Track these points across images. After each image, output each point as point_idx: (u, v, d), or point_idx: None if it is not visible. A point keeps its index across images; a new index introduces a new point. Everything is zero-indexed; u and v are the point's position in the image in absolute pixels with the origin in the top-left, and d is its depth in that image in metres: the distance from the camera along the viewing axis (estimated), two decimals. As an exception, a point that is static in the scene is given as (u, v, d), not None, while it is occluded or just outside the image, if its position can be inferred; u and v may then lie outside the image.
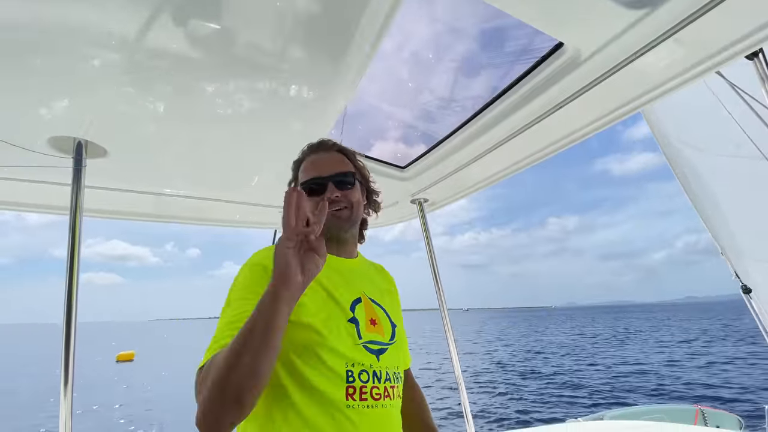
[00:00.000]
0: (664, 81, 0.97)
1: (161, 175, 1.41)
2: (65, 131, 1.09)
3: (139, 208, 1.64)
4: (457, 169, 1.48)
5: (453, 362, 1.80)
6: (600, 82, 0.96)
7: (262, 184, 1.56)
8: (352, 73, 0.94)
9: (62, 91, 0.93)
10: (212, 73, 0.91)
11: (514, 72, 1.08)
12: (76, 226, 1.16)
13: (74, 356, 1.10)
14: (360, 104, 1.28)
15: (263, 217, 1.93)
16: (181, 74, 0.90)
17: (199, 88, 0.95)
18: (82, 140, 1.13)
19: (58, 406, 1.09)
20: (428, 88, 1.41)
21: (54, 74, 0.86)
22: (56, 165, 1.21)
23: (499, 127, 1.21)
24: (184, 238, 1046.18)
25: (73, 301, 1.12)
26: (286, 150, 1.27)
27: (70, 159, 1.16)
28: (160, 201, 1.59)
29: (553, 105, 1.08)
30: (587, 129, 1.18)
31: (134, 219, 1.68)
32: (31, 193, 1.43)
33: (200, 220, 1.83)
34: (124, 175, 1.37)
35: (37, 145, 1.12)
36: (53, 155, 1.16)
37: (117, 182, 1.42)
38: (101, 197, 1.49)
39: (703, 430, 2.60)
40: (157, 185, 1.48)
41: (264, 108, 1.05)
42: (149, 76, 0.90)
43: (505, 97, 1.12)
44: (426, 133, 1.47)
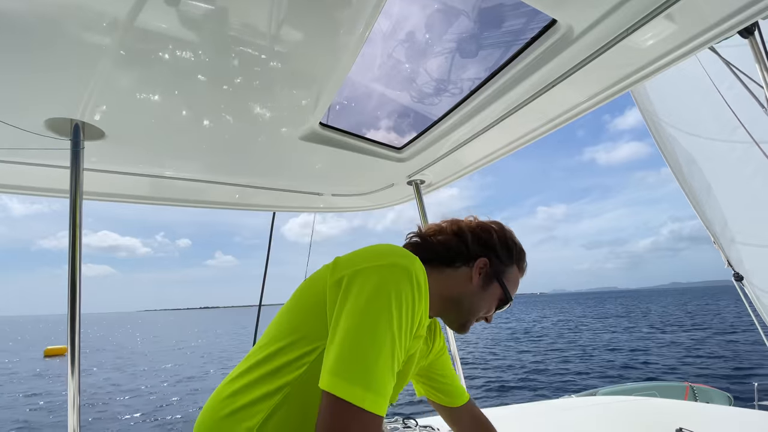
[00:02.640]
0: (657, 57, 0.98)
1: (160, 157, 1.42)
2: (62, 113, 1.09)
3: (138, 190, 1.65)
4: (453, 149, 1.49)
5: (449, 341, 1.85)
6: (593, 60, 0.97)
7: (260, 165, 1.57)
8: (346, 55, 0.95)
9: (58, 72, 0.93)
10: (209, 54, 0.91)
11: (507, 51, 1.08)
12: (76, 210, 1.17)
13: (79, 338, 1.13)
14: (355, 86, 1.28)
15: (262, 198, 1.95)
16: (179, 55, 0.90)
17: (196, 69, 0.95)
18: (79, 122, 1.13)
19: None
20: (422, 68, 1.41)
21: (50, 56, 0.86)
22: (54, 147, 1.21)
23: (494, 106, 1.22)
24: (174, 228, 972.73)
25: (76, 283, 1.14)
26: (282, 132, 1.28)
27: (68, 141, 1.16)
28: (159, 183, 1.60)
29: (546, 83, 1.09)
30: (581, 107, 1.20)
31: (134, 201, 1.69)
32: (31, 177, 1.44)
33: (200, 203, 1.85)
34: (122, 157, 1.38)
35: (34, 127, 1.13)
36: (51, 137, 1.16)
37: (116, 165, 1.43)
38: (100, 180, 1.50)
39: (693, 405, 2.68)
40: (156, 167, 1.49)
41: (259, 90, 1.06)
42: (146, 58, 0.90)
43: (499, 76, 1.13)
44: (421, 114, 1.47)
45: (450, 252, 0.87)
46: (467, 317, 0.88)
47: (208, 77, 0.98)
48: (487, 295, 0.87)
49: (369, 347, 0.61)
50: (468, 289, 0.86)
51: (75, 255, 1.14)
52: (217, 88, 1.03)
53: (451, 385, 1.06)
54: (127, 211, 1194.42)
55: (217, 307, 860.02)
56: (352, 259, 0.73)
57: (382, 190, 1.95)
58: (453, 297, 0.86)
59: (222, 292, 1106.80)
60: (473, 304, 0.87)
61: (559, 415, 2.24)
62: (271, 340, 0.75)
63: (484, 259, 0.86)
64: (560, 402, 2.67)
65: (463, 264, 0.87)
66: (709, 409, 2.36)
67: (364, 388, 0.59)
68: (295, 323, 0.74)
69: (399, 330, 0.64)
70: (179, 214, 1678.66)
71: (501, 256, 0.88)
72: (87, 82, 0.97)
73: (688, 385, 5.75)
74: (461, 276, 0.86)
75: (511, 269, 0.90)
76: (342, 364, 0.60)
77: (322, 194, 1.96)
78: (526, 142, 1.44)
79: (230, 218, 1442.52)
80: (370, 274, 0.68)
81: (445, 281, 0.86)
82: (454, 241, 0.88)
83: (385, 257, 0.71)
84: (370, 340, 0.62)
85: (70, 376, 1.10)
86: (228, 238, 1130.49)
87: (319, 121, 1.25)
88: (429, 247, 0.88)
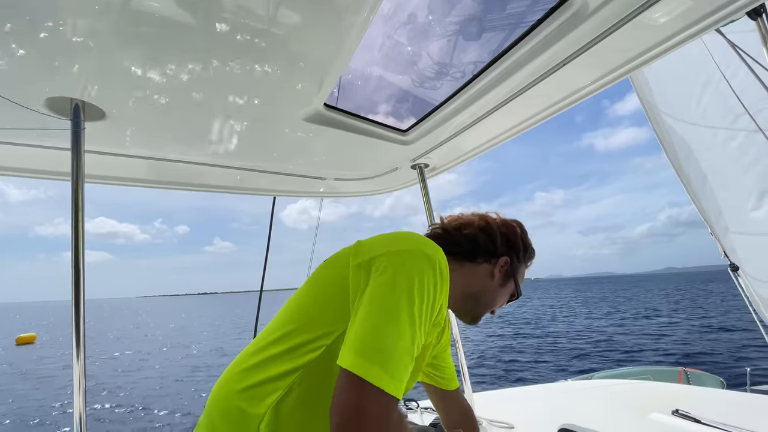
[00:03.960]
0: (666, 37, 0.97)
1: (161, 139, 1.40)
2: (62, 92, 1.07)
3: (139, 173, 1.63)
4: (457, 132, 1.48)
5: (452, 326, 1.87)
6: (603, 39, 0.96)
7: (263, 148, 1.56)
8: (352, 34, 0.93)
9: (58, 50, 0.91)
10: (212, 34, 0.89)
11: (516, 30, 1.07)
12: (78, 192, 1.16)
13: (84, 322, 1.13)
14: (359, 69, 1.26)
15: (263, 182, 1.94)
16: (180, 35, 0.88)
17: (198, 48, 0.93)
18: (79, 102, 1.11)
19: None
20: (427, 51, 1.39)
21: (49, 32, 0.84)
22: (55, 127, 1.20)
23: (501, 88, 1.21)
24: (172, 214, 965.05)
25: (80, 267, 1.13)
26: (286, 112, 1.27)
27: (68, 122, 1.15)
28: (160, 166, 1.58)
29: (554, 65, 1.08)
30: (588, 89, 1.19)
31: (135, 185, 1.68)
32: (32, 159, 1.42)
33: (201, 186, 1.83)
34: (124, 139, 1.36)
35: (34, 106, 1.11)
36: (51, 116, 1.14)
37: (117, 147, 1.41)
38: (102, 162, 1.48)
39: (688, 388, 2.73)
40: (158, 150, 1.47)
41: (263, 70, 1.04)
42: (147, 37, 0.88)
43: (507, 56, 1.11)
44: (427, 97, 1.46)
45: (475, 247, 0.90)
46: (483, 311, 0.92)
47: (210, 57, 0.97)
48: (504, 291, 0.92)
49: (390, 329, 0.62)
50: (489, 285, 0.89)
51: (78, 238, 1.14)
52: (220, 68, 1.01)
53: (450, 370, 1.14)
54: (124, 197, 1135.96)
55: (215, 293, 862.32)
56: (376, 243, 0.74)
57: (385, 174, 1.94)
58: (473, 292, 0.89)
59: (220, 278, 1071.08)
60: (491, 299, 0.91)
61: (558, 397, 2.28)
62: (289, 319, 0.75)
63: (506, 258, 0.90)
64: (557, 385, 2.72)
65: (484, 260, 0.89)
66: (703, 392, 2.41)
67: (383, 369, 0.59)
68: (314, 304, 0.74)
69: (420, 315, 0.65)
70: (177, 201, 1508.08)
71: (520, 256, 0.93)
72: (87, 61, 0.95)
73: (682, 369, 5.87)
74: (482, 272, 0.89)
75: (523, 268, 0.95)
76: (362, 343, 0.61)
77: (324, 178, 1.95)
78: (532, 124, 1.43)
79: (228, 204, 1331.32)
80: (395, 258, 0.68)
81: (467, 276, 0.88)
82: (482, 237, 0.90)
83: (410, 243, 0.72)
84: (392, 323, 0.62)
85: (75, 360, 1.11)
86: (226, 224, 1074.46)
87: (323, 102, 1.24)
88: (452, 240, 0.90)
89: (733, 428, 1.57)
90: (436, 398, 1.17)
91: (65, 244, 57.12)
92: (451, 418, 1.16)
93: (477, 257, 0.90)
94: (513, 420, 1.76)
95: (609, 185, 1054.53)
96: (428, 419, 1.78)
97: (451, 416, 1.16)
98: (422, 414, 1.90)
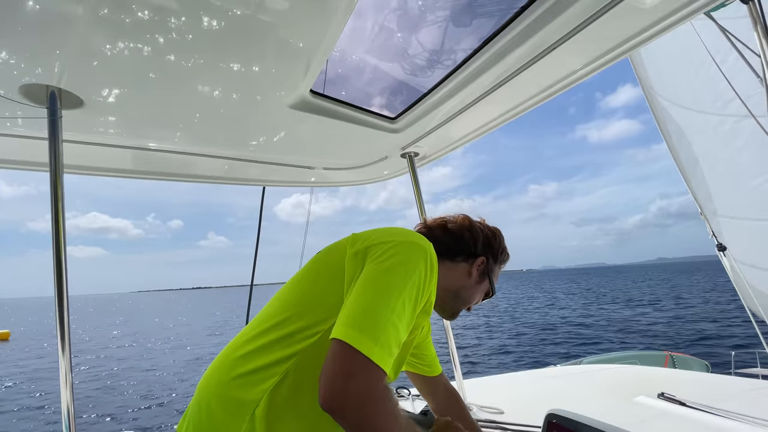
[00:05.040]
0: (658, 19, 0.96)
1: (143, 127, 1.36)
2: (37, 79, 1.03)
3: (121, 163, 1.59)
4: (447, 119, 1.46)
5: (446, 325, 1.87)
6: (592, 22, 0.95)
7: (249, 136, 1.52)
8: (337, 17, 0.90)
9: (31, 34, 0.87)
10: (192, 17, 0.86)
11: (506, 14, 1.05)
12: (57, 183, 1.13)
13: (68, 316, 1.11)
14: (346, 56, 1.23)
15: (251, 172, 1.90)
16: (159, 18, 0.84)
17: (177, 32, 0.90)
18: (55, 89, 1.07)
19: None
20: (416, 37, 1.36)
21: (22, 15, 0.80)
22: (31, 116, 1.16)
23: (490, 73, 1.20)
24: (165, 209, 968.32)
25: (62, 259, 1.11)
26: (270, 99, 1.24)
27: (45, 110, 1.11)
28: (143, 156, 1.54)
29: (544, 47, 1.06)
30: (578, 74, 1.18)
31: (117, 175, 1.64)
32: (9, 149, 1.38)
33: (186, 176, 1.79)
34: (103, 127, 1.32)
35: (8, 94, 1.07)
36: (26, 104, 1.10)
37: (97, 136, 1.37)
38: (82, 152, 1.44)
39: (673, 371, 2.80)
40: (140, 138, 1.43)
41: (246, 54, 1.01)
42: (124, 21, 0.84)
43: (496, 40, 1.10)
44: (415, 84, 1.43)
45: (458, 245, 0.95)
46: (460, 307, 0.99)
47: (190, 41, 0.93)
48: (479, 289, 0.98)
49: (383, 306, 0.64)
50: (466, 283, 0.95)
51: (59, 230, 1.11)
52: (200, 52, 0.98)
53: (431, 357, 1.19)
54: (115, 192, 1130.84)
55: (210, 287, 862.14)
56: (372, 234, 0.79)
57: (375, 163, 1.92)
58: (452, 288, 0.94)
59: (215, 273, 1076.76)
60: (468, 296, 0.97)
61: (547, 382, 2.31)
62: (284, 307, 0.76)
63: (483, 258, 0.96)
64: (547, 371, 2.76)
65: (463, 260, 0.95)
66: (689, 375, 2.47)
67: (373, 341, 0.61)
68: (310, 292, 0.76)
69: (411, 300, 0.68)
70: (170, 195, 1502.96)
71: (497, 257, 1.00)
72: (62, 46, 0.91)
73: (668, 353, 6.03)
74: (461, 270, 0.95)
75: (498, 268, 1.02)
76: (355, 316, 0.63)
77: (313, 168, 1.92)
78: (522, 111, 1.42)
79: (223, 199, 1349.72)
80: (391, 246, 0.73)
81: (446, 273, 0.93)
82: (467, 235, 0.96)
83: (405, 235, 0.77)
84: (385, 301, 0.65)
85: (61, 354, 1.09)
86: (221, 219, 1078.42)
87: (309, 88, 1.21)
88: (435, 237, 0.95)
89: (717, 410, 1.61)
90: (421, 385, 1.22)
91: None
92: (438, 401, 1.21)
93: (457, 256, 0.95)
94: (502, 405, 1.78)
95: (602, 177, 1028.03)
96: (420, 406, 1.79)
97: (438, 400, 1.21)
98: (414, 401, 1.91)
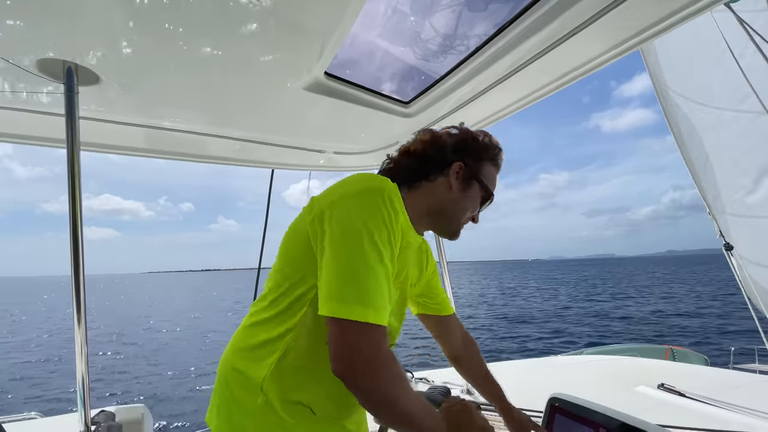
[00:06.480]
0: (675, 10, 0.95)
1: (158, 106, 1.37)
2: (54, 54, 1.04)
3: (136, 142, 1.61)
4: (460, 105, 1.46)
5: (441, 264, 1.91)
6: (610, 10, 0.94)
7: (261, 118, 1.53)
8: (353, 1, 0.90)
9: (48, 8, 0.87)
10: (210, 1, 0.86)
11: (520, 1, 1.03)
12: (74, 160, 1.14)
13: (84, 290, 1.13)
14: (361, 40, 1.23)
15: (261, 154, 1.92)
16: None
17: (195, 12, 0.90)
18: (72, 64, 1.08)
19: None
20: (431, 22, 1.35)
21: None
22: (48, 91, 1.17)
23: (504, 61, 1.19)
24: (177, 192, 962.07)
25: (78, 236, 1.13)
26: (285, 80, 1.24)
27: (62, 85, 1.12)
28: (157, 135, 1.55)
29: (562, 35, 1.05)
30: (593, 63, 1.17)
31: (132, 153, 1.65)
32: (27, 124, 1.39)
33: (198, 157, 1.81)
34: (119, 105, 1.33)
35: (26, 67, 1.08)
36: (44, 78, 1.11)
37: (113, 113, 1.38)
38: (98, 129, 1.45)
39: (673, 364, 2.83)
40: (154, 117, 1.44)
41: (262, 35, 1.01)
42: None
43: (511, 28, 1.08)
44: (430, 70, 1.42)
45: (426, 162, 0.88)
46: (455, 224, 0.90)
47: (206, 21, 0.93)
48: (469, 196, 0.89)
49: (356, 267, 0.64)
50: (449, 196, 0.87)
51: (75, 207, 1.13)
52: (217, 32, 0.98)
53: (442, 296, 1.14)
54: (129, 174, 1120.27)
55: (219, 270, 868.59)
56: (325, 195, 0.76)
57: (386, 148, 1.92)
58: (436, 208, 0.88)
59: (224, 255, 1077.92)
60: (457, 209, 0.88)
61: (548, 371, 2.35)
62: (274, 285, 0.79)
63: (458, 163, 0.87)
64: (548, 360, 2.79)
65: (438, 174, 0.87)
66: (688, 368, 2.50)
67: (362, 304, 0.62)
68: (290, 266, 0.78)
69: (382, 244, 0.67)
70: (181, 178, 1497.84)
71: (475, 156, 0.89)
72: (79, 21, 0.91)
73: (668, 347, 6.07)
74: (440, 186, 0.87)
75: (487, 166, 0.91)
76: (335, 288, 0.64)
77: (324, 151, 1.93)
78: (534, 99, 1.41)
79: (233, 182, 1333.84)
80: (343, 202, 0.71)
81: (426, 195, 0.87)
82: (431, 150, 0.88)
83: (356, 184, 0.73)
84: (356, 260, 0.64)
85: (77, 326, 1.12)
86: (231, 203, 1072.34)
87: (324, 70, 1.21)
88: (402, 167, 0.89)
89: (715, 401, 1.64)
90: (434, 328, 1.16)
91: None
92: (454, 347, 1.16)
93: (430, 174, 0.88)
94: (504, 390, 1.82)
95: (616, 166, 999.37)
96: (422, 388, 1.83)
97: (454, 345, 1.16)
98: (416, 384, 1.96)
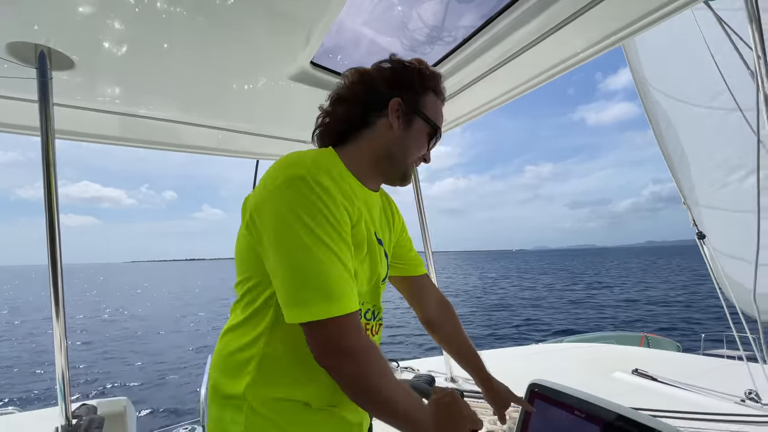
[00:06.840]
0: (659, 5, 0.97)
1: (136, 92, 1.33)
2: (25, 37, 0.99)
3: (113, 130, 1.55)
4: (448, 97, 1.45)
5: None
6: (596, 5, 0.95)
7: (244, 107, 1.50)
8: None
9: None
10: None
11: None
12: (49, 147, 1.10)
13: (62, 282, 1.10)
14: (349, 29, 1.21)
15: (244, 144, 1.88)
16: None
17: None
18: (44, 48, 1.03)
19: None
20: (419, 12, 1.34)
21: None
22: (20, 76, 1.11)
23: (491, 52, 1.20)
24: (158, 180, 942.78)
25: (55, 226, 1.09)
26: (268, 76, 1.22)
27: (34, 70, 1.07)
28: (135, 122, 1.50)
29: (548, 28, 1.07)
30: (579, 56, 1.18)
31: (109, 142, 1.60)
32: None
33: (178, 146, 1.76)
34: (95, 91, 1.28)
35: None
36: (15, 62, 1.06)
37: (88, 100, 1.33)
38: (73, 117, 1.40)
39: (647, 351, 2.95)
40: (132, 105, 1.39)
41: (245, 20, 0.98)
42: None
43: (498, 20, 1.09)
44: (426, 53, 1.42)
45: (361, 105, 0.81)
46: (401, 165, 0.84)
47: (187, 4, 0.90)
48: (414, 133, 0.82)
49: (303, 265, 0.62)
50: (392, 136, 0.81)
51: (51, 196, 1.10)
52: (199, 16, 0.95)
53: (412, 254, 1.06)
54: (108, 161, 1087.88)
55: (203, 259, 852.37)
56: (252, 196, 0.72)
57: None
58: (382, 153, 0.81)
59: (209, 245, 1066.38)
60: (402, 149, 0.82)
61: (529, 358, 2.42)
62: (241, 291, 0.78)
63: (395, 99, 0.79)
64: (529, 348, 2.87)
65: (377, 116, 0.81)
66: (661, 354, 2.62)
67: (323, 300, 0.61)
68: (246, 272, 0.75)
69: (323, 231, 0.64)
70: (162, 167, 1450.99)
71: (412, 88, 0.81)
72: (52, 3, 0.87)
73: (643, 334, 6.36)
74: (381, 128, 0.81)
75: (428, 97, 0.83)
76: (291, 293, 0.62)
77: (308, 142, 1.91)
78: (521, 92, 1.43)
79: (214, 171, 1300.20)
80: (269, 201, 0.66)
81: (368, 144, 0.81)
82: (361, 92, 0.81)
83: (278, 175, 0.67)
84: (300, 258, 0.62)
85: (56, 320, 1.09)
86: (215, 192, 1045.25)
87: (310, 60, 1.19)
88: (339, 116, 0.82)
89: (685, 385, 1.72)
90: (407, 291, 1.08)
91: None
92: (427, 309, 1.08)
93: (368, 119, 0.81)
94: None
95: (599, 159, 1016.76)
96: (407, 377, 1.86)
97: (427, 308, 1.08)
98: (401, 373, 1.98)
